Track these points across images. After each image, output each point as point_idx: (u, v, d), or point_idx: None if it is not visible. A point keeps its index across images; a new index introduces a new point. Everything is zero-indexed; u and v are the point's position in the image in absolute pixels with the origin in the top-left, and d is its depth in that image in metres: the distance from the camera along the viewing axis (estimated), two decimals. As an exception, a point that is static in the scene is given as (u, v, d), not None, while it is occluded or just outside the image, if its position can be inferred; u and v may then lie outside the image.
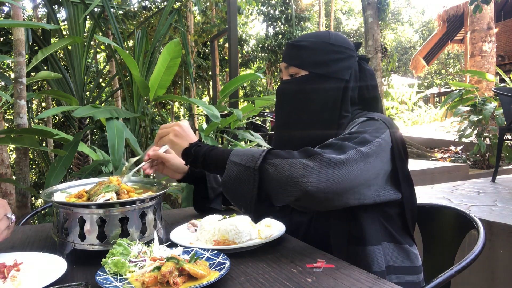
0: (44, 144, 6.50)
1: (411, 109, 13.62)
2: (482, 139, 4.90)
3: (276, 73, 18.94)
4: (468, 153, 5.55)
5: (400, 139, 1.05)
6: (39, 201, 8.02)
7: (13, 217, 0.92)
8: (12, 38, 2.66)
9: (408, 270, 1.08)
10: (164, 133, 1.09)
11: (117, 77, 5.74)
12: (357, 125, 1.02)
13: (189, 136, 1.06)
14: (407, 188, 1.07)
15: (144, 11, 9.05)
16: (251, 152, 0.95)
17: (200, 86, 14.79)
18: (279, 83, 1.21)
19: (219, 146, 1.03)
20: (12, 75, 2.65)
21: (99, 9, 4.29)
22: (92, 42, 5.09)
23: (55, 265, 0.84)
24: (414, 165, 4.65)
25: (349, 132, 1.00)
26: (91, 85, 6.58)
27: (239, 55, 14.24)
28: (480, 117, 4.84)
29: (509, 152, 4.68)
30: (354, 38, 25.67)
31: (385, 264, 1.03)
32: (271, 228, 1.10)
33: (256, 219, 0.97)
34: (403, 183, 1.05)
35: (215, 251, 0.89)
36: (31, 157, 9.06)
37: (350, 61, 1.12)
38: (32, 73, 4.18)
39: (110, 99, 6.70)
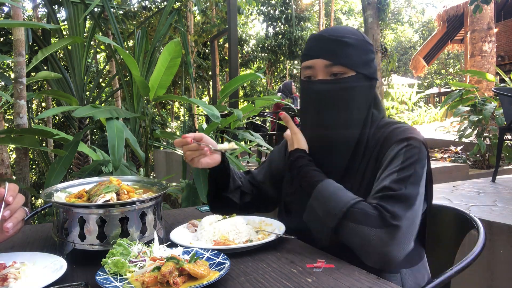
0: (44, 144, 6.50)
1: (411, 109, 13.62)
2: (482, 139, 4.89)
3: (276, 73, 18.93)
4: (468, 153, 5.54)
5: (428, 150, 1.05)
6: (39, 201, 8.02)
7: (27, 210, 0.92)
8: (12, 38, 2.66)
9: (425, 280, 1.10)
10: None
11: (117, 77, 5.75)
12: (400, 153, 0.98)
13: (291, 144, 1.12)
14: (431, 193, 1.08)
15: (144, 11, 9.05)
16: (331, 202, 0.95)
17: (200, 86, 14.80)
18: (309, 83, 1.08)
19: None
20: (12, 75, 2.65)
21: (99, 9, 4.29)
22: (92, 42, 5.09)
23: (55, 265, 0.84)
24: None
25: (401, 167, 0.96)
26: (91, 85, 6.58)
27: (239, 55, 14.23)
28: (480, 117, 4.83)
29: (509, 152, 4.68)
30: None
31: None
32: (271, 228, 1.10)
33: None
34: (429, 192, 1.06)
35: (215, 251, 0.89)
36: (31, 157, 9.06)
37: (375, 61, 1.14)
38: (32, 73, 4.19)
39: (110, 99, 6.70)
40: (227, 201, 1.25)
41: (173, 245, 0.94)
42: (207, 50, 13.59)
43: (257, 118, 6.66)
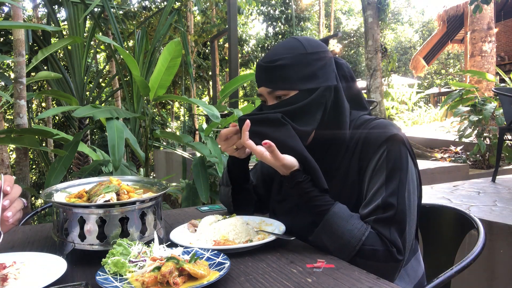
0: (44, 144, 6.50)
1: (411, 109, 13.61)
2: (482, 139, 4.89)
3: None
4: (468, 153, 5.54)
5: (409, 145, 1.04)
6: (39, 201, 8.02)
7: (25, 201, 0.93)
8: (12, 38, 2.66)
9: (418, 274, 1.11)
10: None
11: (117, 77, 5.75)
12: (383, 161, 1.00)
13: (278, 167, 1.01)
14: (420, 191, 1.11)
15: (144, 11, 9.05)
16: (342, 238, 0.94)
17: (200, 86, 14.79)
18: (264, 109, 1.11)
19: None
20: (12, 75, 2.65)
21: (99, 9, 4.29)
22: (92, 42, 5.09)
23: (55, 265, 0.84)
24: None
25: (387, 178, 0.98)
26: (91, 85, 6.58)
27: (239, 55, 14.22)
28: (480, 117, 4.84)
29: (509, 152, 4.68)
30: (354, 38, 25.67)
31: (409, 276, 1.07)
32: (271, 228, 1.10)
33: None
34: (419, 186, 1.09)
35: (215, 251, 0.89)
36: (31, 157, 9.06)
37: (331, 64, 1.08)
38: (32, 73, 4.19)
39: (110, 99, 6.70)
40: (248, 194, 1.27)
41: (173, 245, 0.94)
42: (207, 50, 13.59)
43: (257, 118, 6.63)
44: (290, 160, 1.00)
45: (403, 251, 0.94)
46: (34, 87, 8.37)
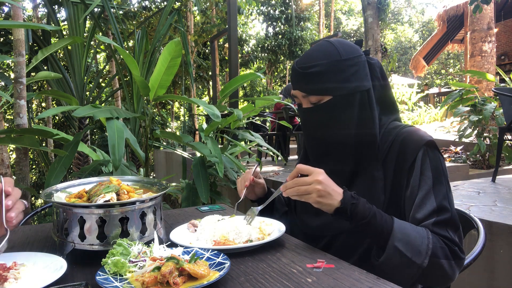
0: (44, 144, 6.50)
1: (411, 109, 13.61)
2: (482, 139, 4.89)
3: (276, 73, 18.94)
4: (468, 153, 5.54)
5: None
6: (39, 201, 8.02)
7: (26, 203, 0.93)
8: (12, 38, 2.66)
9: None
10: (304, 191, 0.95)
11: (117, 77, 5.75)
12: (427, 166, 1.02)
13: (334, 190, 0.95)
14: None
15: (144, 11, 9.06)
16: (416, 240, 0.93)
17: (200, 86, 14.80)
18: (298, 110, 1.15)
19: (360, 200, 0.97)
20: (12, 75, 2.65)
21: (99, 9, 4.29)
22: (92, 42, 5.09)
23: (55, 265, 0.84)
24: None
25: (434, 182, 1.01)
26: (91, 85, 6.58)
27: (239, 55, 14.23)
28: (480, 117, 4.83)
29: (509, 152, 4.67)
30: (354, 38, 25.66)
31: None
32: (271, 228, 1.10)
33: None
34: None
35: (215, 251, 0.89)
36: (31, 157, 9.06)
37: (364, 67, 1.08)
38: (32, 73, 4.19)
39: (110, 99, 6.71)
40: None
41: (173, 245, 0.94)
42: (207, 50, 13.59)
43: (257, 118, 6.66)
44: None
45: (462, 249, 0.97)
46: (34, 87, 8.37)
